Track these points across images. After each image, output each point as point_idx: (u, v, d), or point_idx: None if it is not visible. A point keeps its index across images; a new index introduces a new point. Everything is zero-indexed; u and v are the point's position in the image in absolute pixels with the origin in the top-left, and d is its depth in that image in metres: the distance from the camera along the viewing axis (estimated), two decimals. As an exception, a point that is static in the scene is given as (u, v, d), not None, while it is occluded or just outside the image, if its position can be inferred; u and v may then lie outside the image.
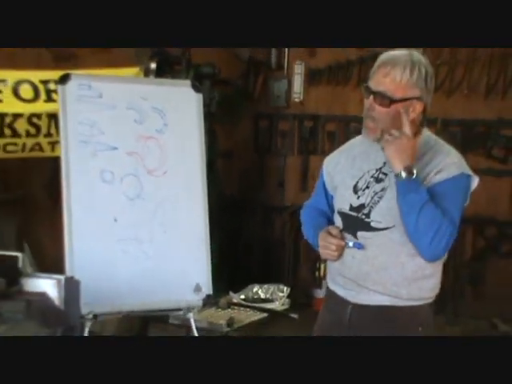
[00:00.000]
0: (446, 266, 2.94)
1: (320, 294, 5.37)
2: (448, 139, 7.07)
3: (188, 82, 4.59)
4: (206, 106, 4.68)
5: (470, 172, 2.77)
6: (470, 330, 6.10)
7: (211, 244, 4.25)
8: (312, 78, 6.89)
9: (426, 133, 2.90)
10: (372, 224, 2.77)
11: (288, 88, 6.94)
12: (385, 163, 2.80)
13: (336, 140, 6.88)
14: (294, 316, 4.75)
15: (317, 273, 6.39)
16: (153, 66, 5.56)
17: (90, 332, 3.88)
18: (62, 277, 2.97)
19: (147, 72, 5.44)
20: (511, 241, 6.46)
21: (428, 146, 2.82)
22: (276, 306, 4.71)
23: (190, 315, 4.16)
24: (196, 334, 4.13)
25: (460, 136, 6.44)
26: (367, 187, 2.81)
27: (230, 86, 6.64)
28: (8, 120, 5.15)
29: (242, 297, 4.59)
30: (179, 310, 4.22)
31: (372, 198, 2.79)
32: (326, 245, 2.85)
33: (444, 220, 2.63)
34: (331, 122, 6.86)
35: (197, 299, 4.17)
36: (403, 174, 2.66)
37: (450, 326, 6.25)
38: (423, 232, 2.64)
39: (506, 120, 6.42)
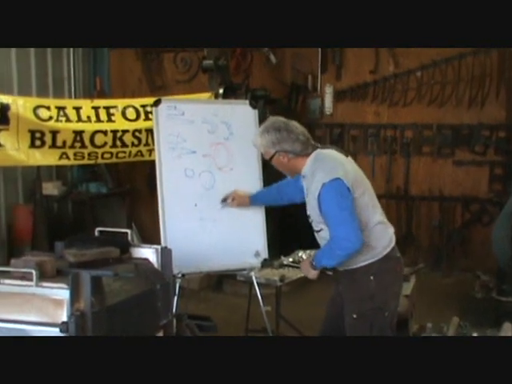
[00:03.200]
0: (441, 233, 2.89)
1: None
2: (441, 139, 6.96)
3: (247, 102, 4.54)
4: (260, 119, 4.62)
5: (330, 178, 2.90)
6: (460, 280, 6.00)
7: (267, 222, 4.19)
8: (338, 96, 6.89)
9: (322, 151, 3.09)
10: (314, 228, 3.16)
11: (321, 104, 6.95)
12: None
13: (357, 142, 6.87)
14: (329, 273, 4.68)
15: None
16: (221, 91, 5.54)
17: (179, 286, 3.89)
18: (158, 247, 3.02)
19: (217, 95, 5.41)
20: (490, 214, 6.41)
21: (315, 166, 3.01)
22: (315, 265, 4.65)
23: (252, 273, 4.14)
24: (257, 288, 4.12)
25: (450, 137, 6.45)
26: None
27: (278, 104, 6.59)
28: (119, 135, 5.15)
29: (290, 260, 4.53)
30: (244, 270, 4.20)
31: (310, 211, 3.13)
32: None
33: (332, 246, 2.99)
34: (354, 128, 6.88)
35: (257, 262, 4.13)
36: (314, 269, 3.16)
37: (445, 278, 6.17)
38: (337, 259, 3.05)
39: (484, 124, 6.45)
